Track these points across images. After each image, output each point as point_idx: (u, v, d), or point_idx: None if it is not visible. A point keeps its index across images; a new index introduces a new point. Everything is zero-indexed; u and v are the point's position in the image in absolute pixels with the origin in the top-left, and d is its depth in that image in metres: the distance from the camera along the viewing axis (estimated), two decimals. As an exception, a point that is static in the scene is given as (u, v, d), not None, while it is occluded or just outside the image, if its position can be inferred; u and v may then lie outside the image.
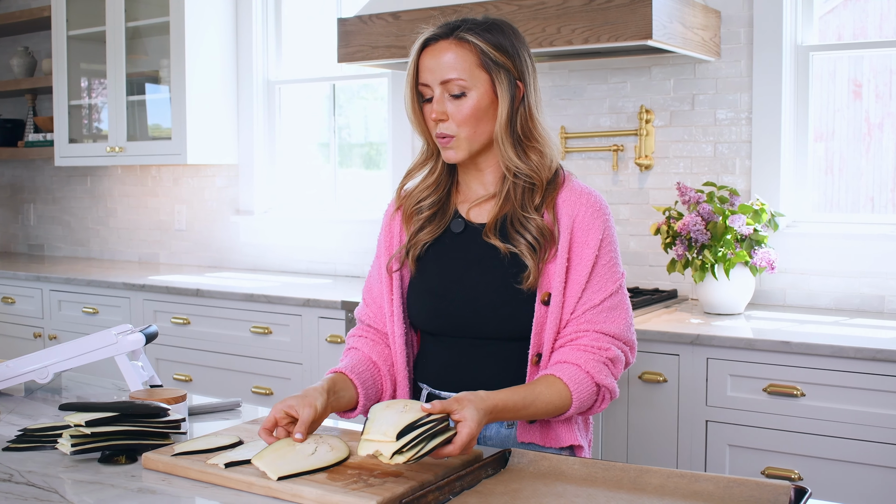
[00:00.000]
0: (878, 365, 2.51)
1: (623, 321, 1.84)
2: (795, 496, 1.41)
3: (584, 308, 1.81)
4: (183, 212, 4.96)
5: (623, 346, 1.84)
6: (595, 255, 1.82)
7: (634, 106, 3.56)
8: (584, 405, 1.78)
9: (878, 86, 3.40)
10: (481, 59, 1.80)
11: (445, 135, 1.83)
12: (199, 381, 3.95)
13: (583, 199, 1.84)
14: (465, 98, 1.81)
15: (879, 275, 3.16)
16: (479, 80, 1.81)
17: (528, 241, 1.80)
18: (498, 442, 1.88)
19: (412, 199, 1.95)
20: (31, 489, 1.51)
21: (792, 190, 3.35)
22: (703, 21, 3.24)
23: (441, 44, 1.82)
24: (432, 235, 1.91)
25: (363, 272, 4.30)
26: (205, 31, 4.48)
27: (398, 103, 4.14)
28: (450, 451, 1.52)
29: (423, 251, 1.92)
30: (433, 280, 1.91)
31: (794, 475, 2.62)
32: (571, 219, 1.83)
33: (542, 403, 1.73)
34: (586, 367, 1.77)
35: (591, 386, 1.77)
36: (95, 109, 4.99)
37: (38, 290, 4.55)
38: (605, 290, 1.82)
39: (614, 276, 1.84)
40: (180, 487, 1.52)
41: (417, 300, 1.93)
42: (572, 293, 1.81)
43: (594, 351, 1.79)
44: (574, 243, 1.82)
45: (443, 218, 1.92)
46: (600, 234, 1.83)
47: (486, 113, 1.82)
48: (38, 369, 2.11)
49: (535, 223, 1.81)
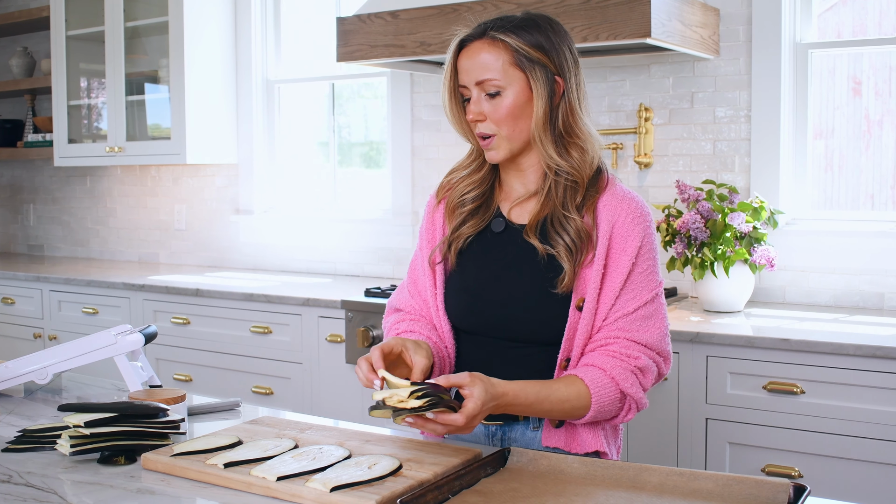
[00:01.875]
0: (877, 362, 2.51)
1: (658, 331, 1.79)
2: (795, 494, 1.41)
3: (616, 315, 1.78)
4: (182, 211, 4.96)
5: (656, 357, 1.79)
6: (632, 262, 1.78)
7: (633, 104, 3.56)
8: (605, 410, 1.75)
9: (877, 83, 3.40)
10: (515, 58, 1.78)
11: (485, 134, 1.82)
12: (199, 380, 3.95)
13: (624, 203, 1.81)
14: (500, 97, 1.79)
15: (879, 272, 3.16)
16: (514, 78, 1.78)
17: (566, 244, 1.78)
18: (522, 443, 1.85)
19: (456, 192, 1.93)
20: (31, 490, 1.51)
21: (791, 187, 3.35)
22: (702, 19, 3.24)
23: (475, 44, 1.81)
24: (475, 229, 1.89)
25: (363, 271, 4.30)
26: (204, 30, 4.48)
27: (397, 102, 4.14)
28: (454, 418, 1.53)
29: (465, 245, 1.90)
30: (470, 278, 1.88)
31: (795, 473, 2.62)
32: (611, 224, 1.79)
33: (557, 399, 1.71)
34: (612, 373, 1.74)
35: (614, 392, 1.74)
36: (95, 109, 4.99)
37: (38, 291, 4.55)
38: (641, 298, 1.78)
39: (651, 284, 1.80)
40: (179, 488, 1.52)
41: (453, 296, 1.90)
42: (606, 300, 1.78)
43: (623, 358, 1.76)
44: (612, 249, 1.79)
45: (486, 213, 1.90)
46: (639, 241, 1.79)
47: (523, 111, 1.80)
48: (38, 370, 2.11)
49: (574, 224, 1.78)
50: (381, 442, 1.70)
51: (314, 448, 1.62)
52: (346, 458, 1.58)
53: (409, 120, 4.11)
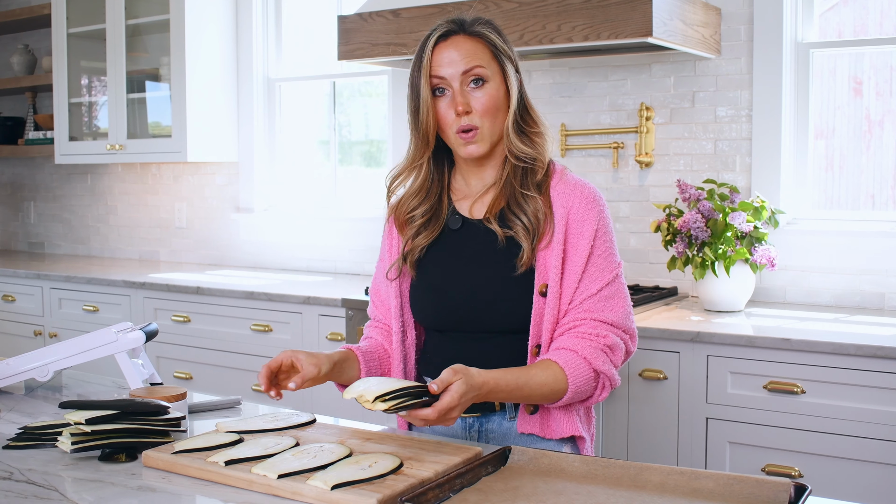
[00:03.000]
0: (878, 362, 2.51)
1: (621, 309, 1.85)
2: (795, 493, 1.41)
3: (581, 298, 1.83)
4: (183, 209, 4.96)
5: (622, 335, 1.85)
6: (590, 245, 1.84)
7: (635, 103, 3.56)
8: (582, 391, 1.80)
9: (878, 83, 3.40)
10: (493, 52, 1.87)
11: (470, 127, 1.85)
12: (200, 378, 3.95)
13: (577, 190, 1.87)
14: (485, 86, 1.85)
15: (880, 272, 3.16)
16: (494, 70, 1.86)
17: (524, 223, 1.84)
18: (499, 434, 1.90)
19: (403, 208, 1.99)
20: (32, 487, 1.51)
21: (792, 187, 3.35)
22: (704, 18, 3.24)
23: (455, 38, 1.87)
24: (429, 239, 1.94)
25: (363, 269, 4.30)
26: (205, 28, 4.48)
27: (398, 101, 4.14)
28: (426, 413, 1.57)
29: (422, 254, 1.95)
30: (434, 278, 1.94)
31: (795, 472, 2.62)
32: (566, 210, 1.85)
33: (536, 384, 1.76)
34: (583, 353, 1.79)
35: (588, 371, 1.79)
36: (95, 107, 4.99)
37: (39, 288, 4.55)
38: (602, 279, 1.84)
39: (611, 265, 1.86)
40: (180, 485, 1.52)
41: (419, 298, 1.96)
42: (569, 283, 1.83)
43: (592, 338, 1.81)
44: (569, 234, 1.85)
45: (437, 221, 1.96)
46: (595, 224, 1.85)
47: (502, 103, 1.87)
48: (39, 367, 2.12)
49: (532, 203, 1.85)
50: (382, 440, 1.70)
51: (315, 446, 1.62)
52: (347, 456, 1.58)
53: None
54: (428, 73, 1.87)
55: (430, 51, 1.86)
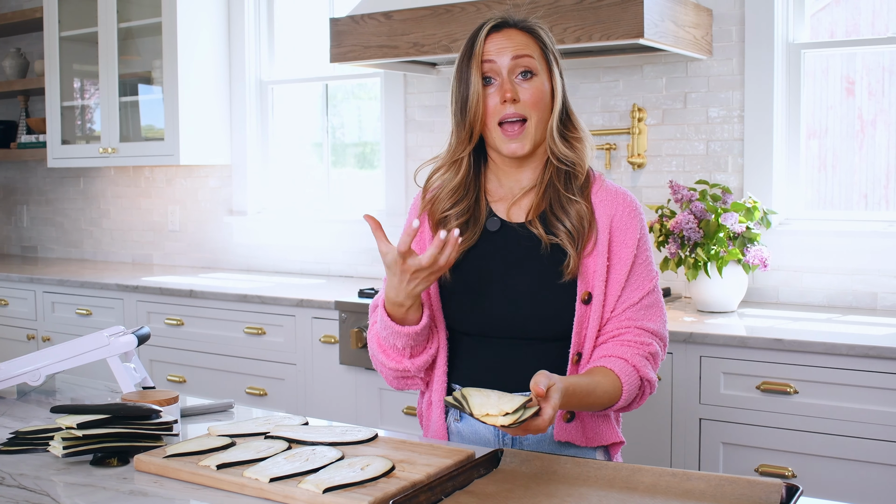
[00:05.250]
0: (870, 362, 2.52)
1: (660, 318, 1.87)
2: (787, 494, 1.41)
3: (623, 306, 1.83)
4: (176, 212, 4.96)
5: (660, 343, 1.86)
6: (633, 253, 1.84)
7: (627, 104, 3.57)
8: (631, 399, 1.79)
9: (870, 83, 3.41)
10: (542, 50, 1.86)
11: (517, 116, 1.82)
12: (193, 382, 3.95)
13: (619, 198, 1.87)
14: (534, 79, 1.83)
15: (872, 272, 3.16)
16: (543, 67, 1.85)
17: (568, 229, 1.81)
18: (534, 441, 1.84)
19: (438, 206, 1.92)
20: (23, 492, 1.51)
21: (784, 187, 3.36)
22: (695, 19, 3.25)
23: (508, 30, 1.85)
24: (468, 244, 1.87)
25: (357, 272, 4.30)
26: (197, 31, 4.47)
27: (391, 103, 4.13)
28: (538, 424, 1.52)
29: (459, 256, 1.85)
30: (471, 281, 1.87)
31: (788, 472, 2.62)
32: (609, 218, 1.85)
33: (601, 392, 1.74)
34: (633, 361, 1.78)
35: (636, 379, 1.78)
36: (88, 110, 4.98)
37: (32, 292, 4.54)
38: (643, 288, 1.84)
39: (650, 274, 1.87)
40: (172, 489, 1.51)
41: (453, 300, 1.89)
42: (613, 292, 1.83)
43: (637, 346, 1.81)
44: (613, 242, 1.84)
45: (476, 225, 1.89)
46: (637, 233, 1.86)
47: (548, 102, 1.86)
48: (31, 371, 2.11)
49: (576, 208, 1.83)
50: (374, 443, 1.70)
51: (307, 449, 1.62)
52: (339, 459, 1.58)
53: (402, 120, 4.11)
54: (479, 60, 1.83)
55: (483, 39, 1.84)
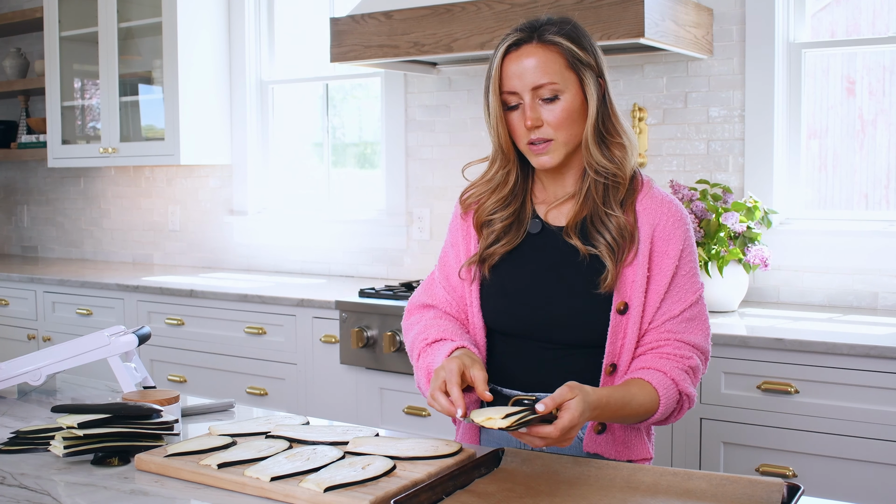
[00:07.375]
0: (871, 361, 2.52)
1: (702, 332, 1.81)
2: (788, 493, 1.41)
3: (663, 318, 1.78)
4: (176, 212, 4.95)
5: (701, 357, 1.81)
6: (675, 265, 1.79)
7: (627, 104, 3.57)
8: (668, 413, 1.75)
9: (871, 82, 3.40)
10: (568, 60, 1.76)
11: (542, 139, 1.77)
12: (194, 381, 3.95)
13: (664, 207, 1.81)
14: (557, 101, 1.76)
15: (873, 271, 3.16)
16: (569, 81, 1.76)
17: (608, 242, 1.77)
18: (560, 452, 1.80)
19: (483, 211, 1.89)
20: (24, 492, 1.51)
21: (785, 187, 3.36)
22: (696, 19, 3.24)
23: (526, 48, 1.77)
24: (510, 246, 1.86)
25: (357, 272, 4.30)
26: (197, 31, 4.47)
27: (391, 102, 4.13)
28: (548, 431, 1.50)
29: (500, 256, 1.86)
30: (507, 280, 1.86)
31: (789, 472, 2.62)
32: (652, 227, 1.79)
33: (637, 405, 1.70)
34: (671, 375, 1.74)
35: (675, 393, 1.74)
36: (88, 110, 4.98)
37: (32, 292, 4.54)
38: (685, 300, 1.79)
39: (694, 286, 1.81)
40: (173, 489, 1.51)
41: (490, 299, 1.88)
42: (651, 303, 1.78)
43: (677, 359, 1.76)
44: (654, 252, 1.79)
45: (520, 227, 1.87)
46: (681, 243, 1.80)
47: (578, 114, 1.78)
48: (32, 371, 2.11)
49: (615, 221, 1.77)
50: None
51: (308, 448, 1.62)
52: (340, 458, 1.58)
53: (402, 120, 4.11)
54: (497, 88, 1.78)
55: (500, 63, 1.77)
